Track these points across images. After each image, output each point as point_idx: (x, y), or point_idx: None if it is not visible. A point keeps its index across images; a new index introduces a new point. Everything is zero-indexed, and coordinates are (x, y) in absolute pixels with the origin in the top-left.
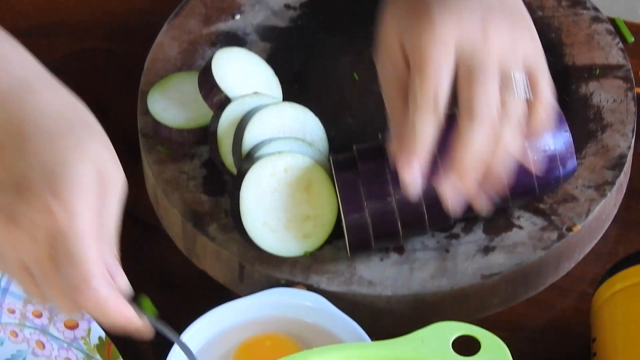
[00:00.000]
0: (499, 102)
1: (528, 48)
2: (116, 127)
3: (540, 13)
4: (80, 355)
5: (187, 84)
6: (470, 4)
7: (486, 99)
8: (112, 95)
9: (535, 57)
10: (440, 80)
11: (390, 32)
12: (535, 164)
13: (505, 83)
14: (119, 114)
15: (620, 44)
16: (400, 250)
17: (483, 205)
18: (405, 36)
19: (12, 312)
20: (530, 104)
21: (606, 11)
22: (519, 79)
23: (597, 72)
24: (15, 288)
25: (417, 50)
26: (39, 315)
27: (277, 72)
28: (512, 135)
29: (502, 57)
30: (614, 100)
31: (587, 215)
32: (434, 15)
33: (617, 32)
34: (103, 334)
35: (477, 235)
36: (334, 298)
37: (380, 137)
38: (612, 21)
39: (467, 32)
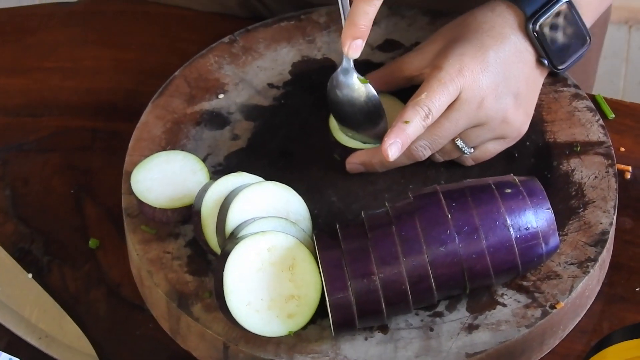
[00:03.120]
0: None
1: (510, 132)
2: (101, 206)
3: None
4: None
5: (171, 164)
6: (510, 69)
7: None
8: (98, 174)
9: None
10: (440, 108)
11: (437, 38)
12: (517, 241)
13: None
14: (104, 193)
15: (601, 121)
16: (384, 329)
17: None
18: (448, 51)
19: None
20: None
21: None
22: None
23: (579, 148)
24: None
25: (447, 74)
26: None
27: (261, 151)
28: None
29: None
30: (596, 177)
31: (570, 293)
32: (489, 59)
33: (598, 108)
34: None
35: (461, 313)
36: None
37: (363, 215)
38: (592, 98)
39: (483, 90)
